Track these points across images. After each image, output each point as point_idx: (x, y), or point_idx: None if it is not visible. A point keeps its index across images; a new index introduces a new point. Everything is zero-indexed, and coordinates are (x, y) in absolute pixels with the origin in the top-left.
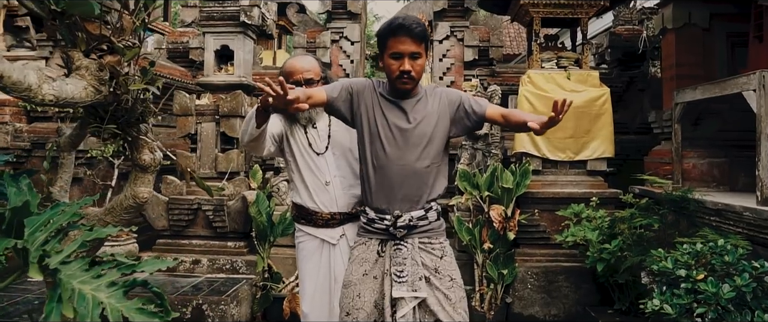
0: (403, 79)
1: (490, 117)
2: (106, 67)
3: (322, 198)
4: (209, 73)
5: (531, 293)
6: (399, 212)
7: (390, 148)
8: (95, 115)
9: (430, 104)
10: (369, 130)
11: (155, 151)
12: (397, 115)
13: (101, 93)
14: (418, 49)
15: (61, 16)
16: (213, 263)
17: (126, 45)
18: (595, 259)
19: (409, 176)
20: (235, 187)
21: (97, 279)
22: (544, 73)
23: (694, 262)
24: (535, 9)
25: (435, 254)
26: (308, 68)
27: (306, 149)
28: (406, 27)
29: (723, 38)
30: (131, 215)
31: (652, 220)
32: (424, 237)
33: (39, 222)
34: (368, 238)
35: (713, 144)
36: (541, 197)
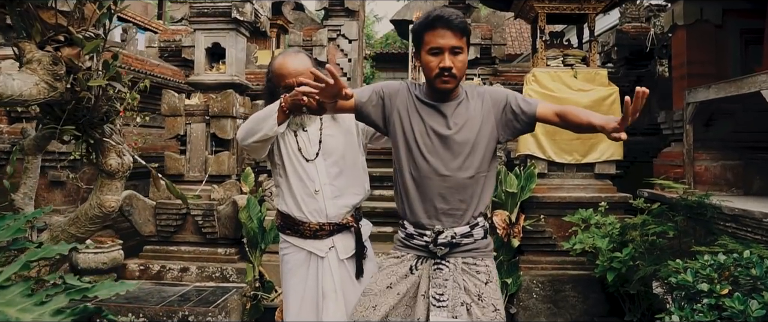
0: (443, 77)
1: (542, 116)
2: (62, 60)
3: (310, 207)
4: (200, 72)
5: (536, 303)
6: (440, 227)
7: (430, 157)
8: (52, 115)
9: (473, 106)
10: (405, 137)
11: (123, 155)
12: (436, 121)
13: (56, 90)
14: (460, 43)
15: (11, 2)
16: (202, 270)
17: (86, 36)
18: (604, 268)
19: (452, 188)
20: (226, 191)
21: (41, 306)
22: (550, 72)
23: (716, 275)
24: (540, 4)
25: (480, 279)
26: (302, 71)
27: (295, 154)
28: (445, 19)
29: (736, 35)
30: (98, 225)
31: (667, 227)
32: (468, 257)
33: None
34: (405, 252)
35: (726, 146)
36: (547, 201)
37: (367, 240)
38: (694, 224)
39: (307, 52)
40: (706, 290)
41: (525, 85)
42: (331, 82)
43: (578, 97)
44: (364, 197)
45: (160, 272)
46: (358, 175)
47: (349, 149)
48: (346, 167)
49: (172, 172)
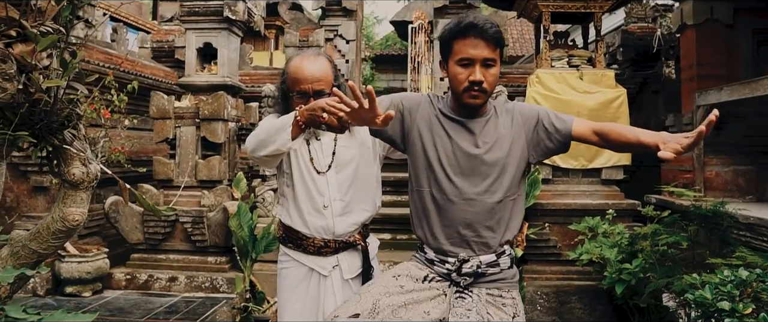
0: (473, 92)
1: (578, 135)
2: (12, 58)
3: (316, 223)
4: (191, 73)
5: (541, 315)
6: (465, 255)
7: (455, 179)
8: (3, 119)
9: (502, 124)
10: (426, 155)
11: (89, 164)
12: (463, 138)
13: (5, 91)
14: (493, 54)
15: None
16: (191, 280)
17: (42, 31)
18: (613, 280)
19: (479, 213)
20: (217, 197)
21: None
22: (555, 73)
23: (739, 291)
24: (545, 3)
25: (507, 313)
26: (319, 77)
27: (306, 165)
28: (478, 27)
29: (748, 35)
30: (61, 240)
31: (680, 238)
32: (493, 288)
33: None
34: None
35: (738, 150)
36: (552, 208)
37: (374, 258)
38: (707, 233)
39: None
40: (728, 309)
41: (528, 86)
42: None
43: (584, 99)
44: (374, 214)
45: (148, 282)
46: (369, 190)
47: (363, 162)
48: (358, 181)
49: (160, 176)
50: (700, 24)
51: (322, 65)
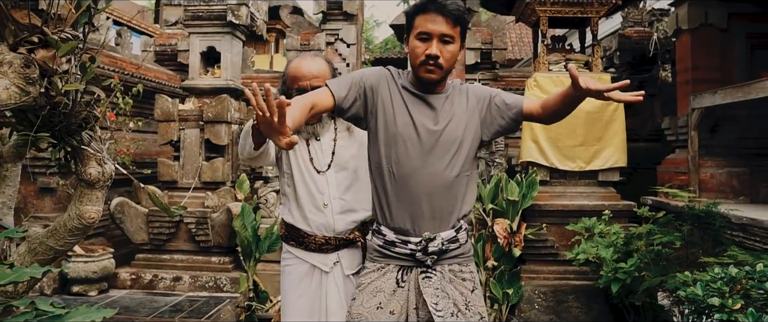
0: (428, 66)
1: (528, 112)
2: (35, 63)
3: (317, 221)
4: (194, 77)
5: (538, 313)
6: (429, 233)
7: (415, 153)
8: (26, 121)
9: (458, 102)
10: (386, 130)
11: (104, 164)
12: (424, 114)
13: (29, 94)
14: (451, 31)
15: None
16: (195, 280)
17: (62, 37)
18: (609, 279)
19: (437, 188)
20: (220, 198)
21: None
22: (552, 77)
23: (728, 289)
24: (542, 8)
25: (466, 287)
26: (317, 74)
27: (306, 165)
28: (438, 3)
29: (742, 39)
30: (77, 237)
31: (674, 237)
32: (454, 264)
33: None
34: (383, 263)
35: (732, 152)
36: (549, 209)
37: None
38: (701, 233)
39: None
40: (718, 304)
41: (526, 90)
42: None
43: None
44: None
45: (152, 282)
46: (369, 189)
47: (363, 162)
48: (358, 181)
49: (165, 178)
50: (695, 28)
51: (319, 64)
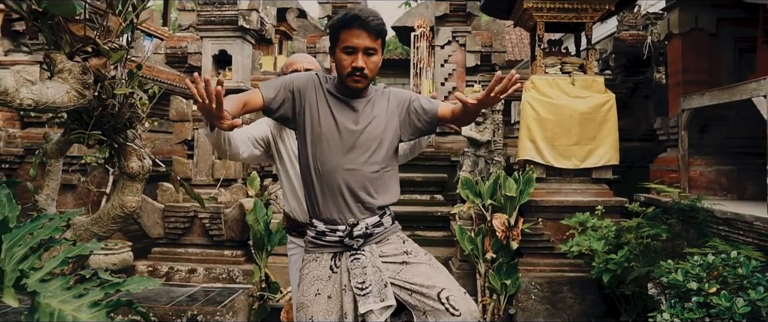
0: (355, 77)
1: (442, 116)
2: (91, 70)
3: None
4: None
5: (535, 303)
6: (353, 219)
7: (337, 151)
8: (80, 121)
9: (379, 105)
10: (312, 130)
11: (144, 159)
12: (346, 116)
13: (85, 97)
14: (374, 44)
15: (43, 16)
16: (209, 272)
17: (112, 47)
18: (600, 269)
19: (359, 182)
20: (232, 194)
21: (79, 299)
22: (548, 79)
23: (705, 274)
24: (539, 13)
25: (396, 244)
26: (308, 61)
27: (295, 157)
28: (361, 19)
29: (730, 43)
30: (119, 225)
31: (660, 230)
32: (380, 241)
33: (18, 236)
34: (318, 253)
35: (720, 151)
36: (545, 205)
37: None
38: (687, 226)
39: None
40: (695, 288)
41: (524, 92)
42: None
43: (575, 103)
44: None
45: (169, 273)
46: None
47: None
48: None
49: (179, 175)
50: (685, 33)
51: (311, 58)
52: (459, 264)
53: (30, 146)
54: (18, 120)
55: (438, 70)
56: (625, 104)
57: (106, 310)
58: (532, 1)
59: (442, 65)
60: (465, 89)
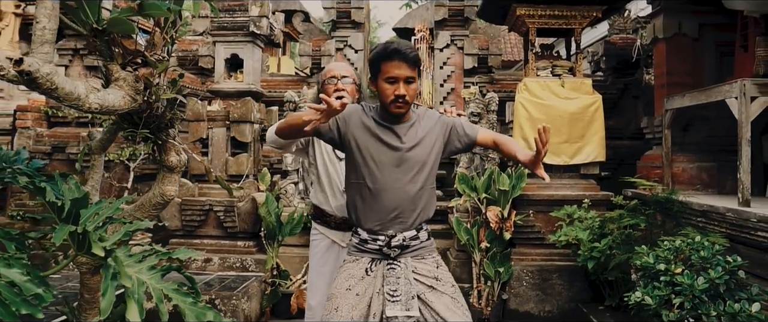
0: (398, 103)
1: (481, 142)
2: (141, 78)
3: (337, 203)
4: (220, 81)
5: (526, 290)
6: (393, 232)
7: (384, 173)
8: (130, 121)
9: (423, 128)
10: (361, 154)
11: (181, 154)
12: (391, 139)
13: (136, 102)
14: (412, 73)
15: (101, 33)
16: (224, 261)
17: (157, 58)
18: (586, 257)
19: (403, 200)
20: (245, 189)
21: (140, 263)
22: (540, 81)
23: (673, 257)
24: (531, 20)
25: (431, 265)
26: (344, 72)
27: (329, 156)
28: (401, 52)
29: (712, 47)
30: (158, 210)
31: (639, 220)
32: (416, 256)
33: (88, 214)
34: (359, 256)
35: (702, 149)
36: (536, 199)
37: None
38: (665, 217)
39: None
40: (663, 269)
41: (517, 93)
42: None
43: (565, 104)
44: None
45: (185, 263)
46: None
47: None
48: None
49: (195, 172)
50: (669, 37)
51: (346, 66)
52: (456, 253)
53: (56, 144)
54: (45, 120)
55: (437, 71)
56: (616, 104)
57: (160, 273)
58: (524, 8)
59: (441, 67)
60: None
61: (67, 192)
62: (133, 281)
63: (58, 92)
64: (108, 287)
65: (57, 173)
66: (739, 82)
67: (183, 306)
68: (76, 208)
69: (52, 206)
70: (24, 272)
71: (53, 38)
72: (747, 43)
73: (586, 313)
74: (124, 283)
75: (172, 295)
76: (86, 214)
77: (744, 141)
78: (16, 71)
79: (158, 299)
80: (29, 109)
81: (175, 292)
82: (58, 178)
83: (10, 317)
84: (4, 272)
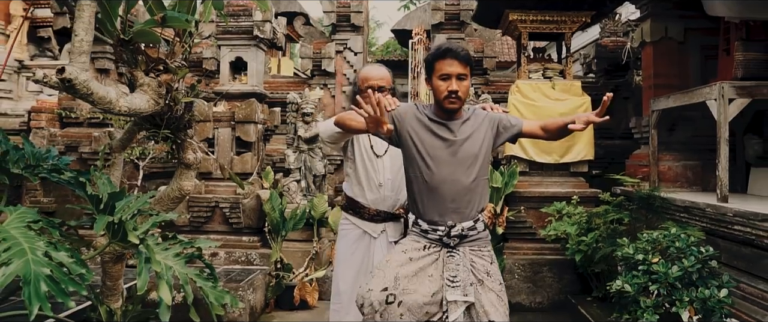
0: (451, 99)
1: (528, 131)
2: (163, 83)
3: (372, 196)
4: (225, 83)
5: (518, 282)
6: (452, 222)
7: (440, 166)
8: (152, 122)
9: (474, 124)
10: (417, 150)
11: (197, 152)
12: (445, 134)
13: (159, 105)
14: (464, 71)
15: (127, 43)
16: (229, 255)
17: (177, 66)
18: (574, 250)
19: (459, 191)
20: (249, 187)
21: (166, 251)
22: (531, 83)
23: (651, 248)
24: (523, 24)
25: (486, 260)
26: (381, 77)
27: (367, 151)
28: (453, 51)
29: (697, 50)
30: (176, 204)
31: (623, 215)
32: (474, 246)
33: (121, 206)
34: (420, 238)
35: (687, 148)
36: (528, 196)
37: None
38: (648, 212)
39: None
40: (641, 259)
41: (510, 95)
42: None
43: (555, 105)
44: None
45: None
46: None
47: None
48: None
49: (201, 170)
50: (656, 41)
51: (383, 71)
52: None
53: (69, 144)
54: (58, 121)
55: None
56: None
57: (184, 260)
58: (516, 13)
59: None
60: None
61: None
62: (162, 266)
63: (93, 97)
64: (142, 269)
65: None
66: (718, 84)
67: (205, 289)
68: (112, 201)
69: (91, 198)
70: (69, 254)
71: (90, 49)
72: (729, 47)
73: (574, 304)
74: (154, 267)
75: (196, 279)
76: (120, 206)
77: (722, 140)
78: (58, 79)
79: (184, 281)
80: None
81: (198, 276)
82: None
83: (60, 294)
84: (53, 254)
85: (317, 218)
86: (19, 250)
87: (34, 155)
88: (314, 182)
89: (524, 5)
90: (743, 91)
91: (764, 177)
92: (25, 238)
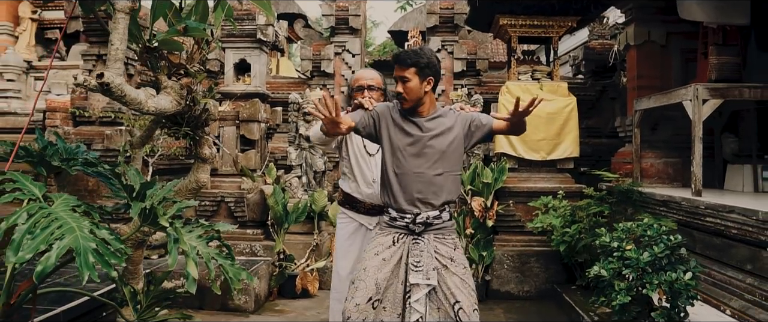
0: (399, 99)
1: (497, 129)
2: (185, 86)
3: (366, 192)
4: (229, 84)
5: (507, 272)
6: (418, 211)
7: (408, 159)
8: (173, 121)
9: (446, 122)
10: (391, 143)
11: (212, 147)
12: (413, 131)
13: (181, 105)
14: (404, 72)
15: (152, 50)
16: (234, 247)
17: (196, 70)
18: (558, 241)
19: (425, 183)
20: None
21: (190, 233)
22: (520, 84)
23: (625, 236)
24: (513, 29)
25: (449, 246)
26: (371, 77)
27: (361, 151)
28: (396, 56)
29: (678, 53)
30: (193, 195)
31: (604, 208)
32: (439, 234)
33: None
34: (389, 231)
35: (669, 146)
36: (517, 190)
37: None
38: (627, 205)
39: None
40: (616, 246)
41: (500, 95)
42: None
43: (543, 105)
44: None
45: None
46: None
47: None
48: None
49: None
50: (640, 44)
51: (373, 72)
52: None
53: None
54: (71, 119)
55: None
56: (594, 105)
57: (205, 241)
58: (506, 18)
59: None
60: (451, 93)
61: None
62: (188, 246)
63: (125, 99)
64: (172, 248)
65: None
66: (693, 86)
67: (225, 266)
68: (144, 189)
69: (126, 188)
70: (109, 232)
71: (123, 57)
72: (707, 50)
73: (559, 292)
74: (182, 247)
75: (217, 257)
76: (150, 194)
77: (697, 138)
78: (97, 83)
79: (207, 259)
80: (57, 109)
81: (219, 255)
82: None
83: (105, 264)
84: (96, 232)
85: (318, 211)
86: (69, 228)
87: (67, 150)
88: (315, 178)
89: (513, 10)
90: (716, 92)
91: (739, 173)
92: (72, 218)
